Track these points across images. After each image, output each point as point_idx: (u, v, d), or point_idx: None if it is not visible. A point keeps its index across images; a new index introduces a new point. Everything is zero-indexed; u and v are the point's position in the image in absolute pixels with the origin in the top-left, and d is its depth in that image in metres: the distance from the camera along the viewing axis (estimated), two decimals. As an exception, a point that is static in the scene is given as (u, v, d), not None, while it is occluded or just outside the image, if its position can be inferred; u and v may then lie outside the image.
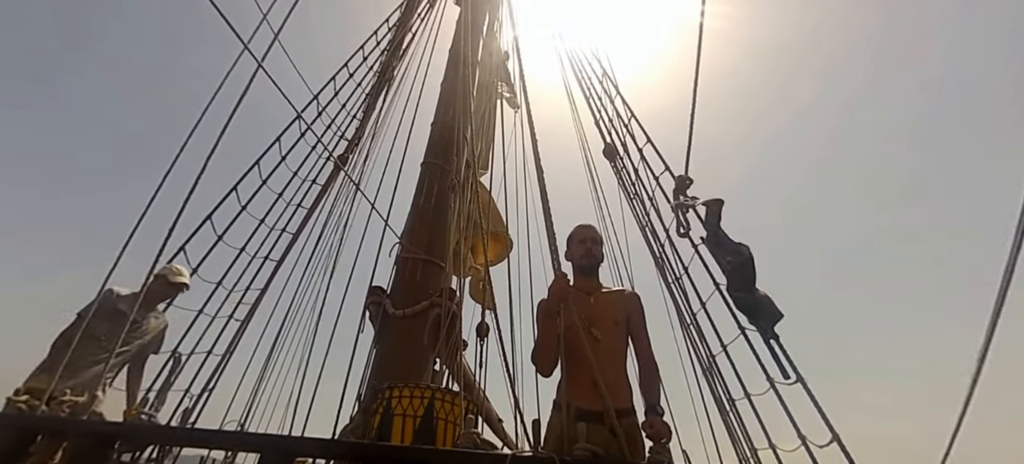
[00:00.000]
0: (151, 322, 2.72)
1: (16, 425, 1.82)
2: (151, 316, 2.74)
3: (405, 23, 5.39)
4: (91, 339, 2.40)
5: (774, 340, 1.87)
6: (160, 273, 2.73)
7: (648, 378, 2.03)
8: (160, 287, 2.78)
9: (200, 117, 2.55)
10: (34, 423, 1.85)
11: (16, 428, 1.79)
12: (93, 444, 1.81)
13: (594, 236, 2.37)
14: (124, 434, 1.85)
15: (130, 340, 2.53)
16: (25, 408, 1.94)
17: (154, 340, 2.72)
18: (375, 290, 3.33)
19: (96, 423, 1.90)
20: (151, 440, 2.01)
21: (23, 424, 1.83)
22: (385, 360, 3.02)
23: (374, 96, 4.98)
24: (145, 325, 2.65)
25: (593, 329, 2.03)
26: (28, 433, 1.77)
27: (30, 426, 1.82)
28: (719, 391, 2.22)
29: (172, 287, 2.82)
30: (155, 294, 2.78)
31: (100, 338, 2.44)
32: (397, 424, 2.10)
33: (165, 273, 2.77)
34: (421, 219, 3.76)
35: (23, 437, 1.75)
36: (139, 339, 2.61)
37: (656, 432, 1.76)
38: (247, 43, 2.48)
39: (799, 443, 1.63)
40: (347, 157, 4.55)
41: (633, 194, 3.21)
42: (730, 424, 2.16)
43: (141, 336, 2.63)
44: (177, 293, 2.89)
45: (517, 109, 5.12)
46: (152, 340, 2.70)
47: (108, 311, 2.49)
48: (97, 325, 2.42)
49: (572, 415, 1.82)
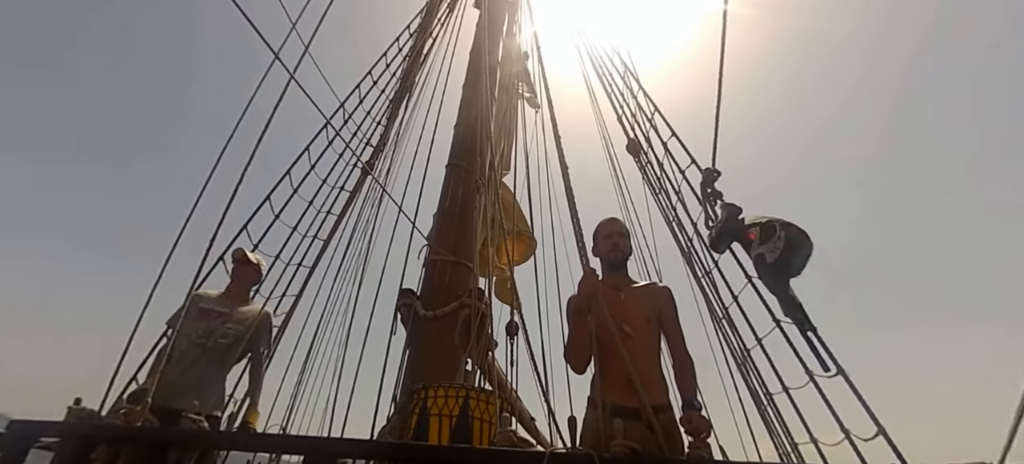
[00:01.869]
0: (242, 312, 2.73)
1: (77, 433, 1.89)
2: (241, 307, 2.76)
3: (426, 29, 5.46)
4: (191, 341, 2.52)
5: (812, 332, 1.84)
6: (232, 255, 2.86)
7: (683, 373, 2.01)
8: (241, 273, 2.86)
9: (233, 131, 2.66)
10: (93, 432, 1.92)
11: (77, 437, 1.87)
12: (148, 450, 1.90)
13: (621, 230, 2.35)
14: (176, 440, 1.93)
15: (227, 333, 2.59)
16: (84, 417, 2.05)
17: (257, 331, 2.70)
18: (405, 292, 3.40)
19: (149, 429, 1.97)
20: (202, 445, 2.09)
21: (83, 433, 1.90)
22: (418, 361, 3.08)
23: (397, 102, 5.07)
24: (236, 315, 2.68)
25: (624, 325, 2.02)
26: (88, 441, 1.85)
27: (90, 434, 1.89)
28: (755, 385, 2.18)
29: (240, 265, 2.87)
30: (237, 282, 2.85)
31: (194, 337, 2.54)
32: (434, 424, 2.14)
33: (232, 253, 2.88)
34: (447, 221, 3.81)
35: (84, 445, 1.84)
36: (234, 329, 2.63)
37: (695, 427, 1.74)
38: (277, 53, 2.55)
39: (842, 437, 1.60)
40: (373, 163, 4.65)
41: (659, 188, 3.18)
42: (768, 418, 2.12)
43: (237, 324, 2.65)
44: (250, 272, 2.92)
45: (538, 108, 5.13)
46: (254, 331, 2.68)
47: (196, 313, 2.60)
48: (190, 327, 2.55)
49: (608, 412, 1.83)
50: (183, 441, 1.95)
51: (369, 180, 4.43)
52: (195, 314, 2.61)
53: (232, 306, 2.74)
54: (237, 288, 2.86)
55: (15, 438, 1.75)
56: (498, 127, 4.55)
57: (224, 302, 2.74)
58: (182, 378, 2.42)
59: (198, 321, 2.59)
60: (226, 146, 2.61)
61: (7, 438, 1.75)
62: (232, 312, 2.70)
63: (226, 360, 2.61)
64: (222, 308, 2.69)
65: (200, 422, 1.93)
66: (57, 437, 1.87)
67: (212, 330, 2.59)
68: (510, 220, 4.04)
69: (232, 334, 2.62)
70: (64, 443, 1.86)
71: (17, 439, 1.75)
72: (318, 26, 2.80)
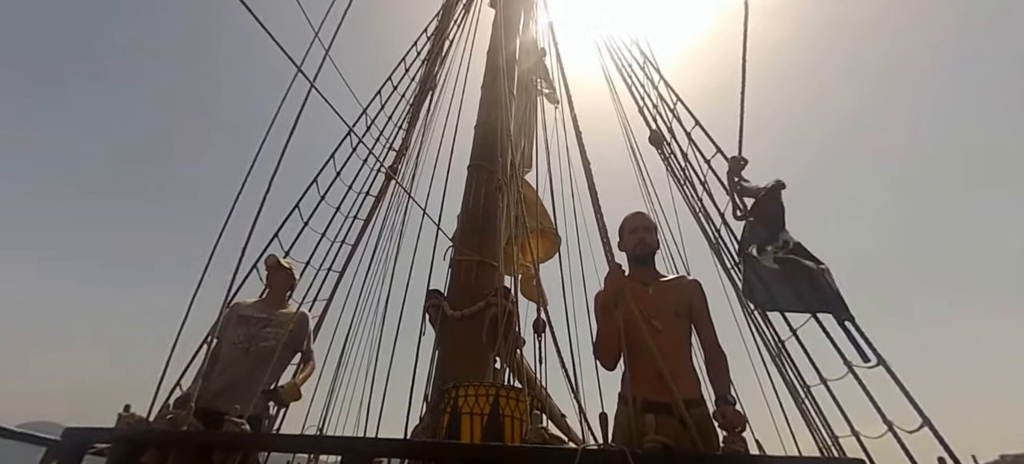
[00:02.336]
0: (280, 315, 2.83)
1: (127, 438, 1.98)
2: (278, 311, 2.86)
3: (443, 31, 5.50)
4: (233, 347, 2.64)
5: (850, 322, 1.78)
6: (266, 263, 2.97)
7: (716, 367, 1.98)
8: (275, 279, 2.96)
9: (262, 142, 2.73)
10: (141, 436, 2.00)
11: (127, 441, 1.95)
12: (194, 453, 1.98)
13: (647, 224, 2.32)
14: (220, 442, 2.00)
15: (267, 336, 2.70)
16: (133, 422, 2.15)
17: (294, 330, 2.79)
18: (433, 293, 3.44)
19: (195, 433, 2.05)
20: (245, 447, 2.17)
21: (132, 437, 1.98)
22: (447, 360, 3.12)
23: (417, 105, 5.13)
24: (275, 319, 2.79)
25: (653, 320, 2.01)
26: (137, 445, 1.93)
27: (139, 439, 1.97)
28: (792, 377, 2.13)
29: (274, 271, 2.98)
30: (273, 287, 2.97)
31: (236, 342, 2.66)
32: (465, 422, 2.17)
33: (265, 260, 2.99)
34: (471, 221, 3.84)
35: (133, 449, 1.92)
36: (274, 332, 2.73)
37: (729, 421, 1.72)
38: (300, 65, 2.61)
39: (885, 429, 1.54)
40: (397, 167, 4.72)
41: (684, 179, 3.13)
42: (806, 411, 2.07)
43: (276, 327, 2.75)
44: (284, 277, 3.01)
45: (557, 104, 5.11)
46: (294, 332, 2.78)
47: (236, 320, 2.73)
48: (231, 334, 2.68)
49: (639, 407, 1.81)
50: (226, 443, 2.02)
51: (393, 184, 4.50)
52: (235, 321, 2.72)
53: (270, 311, 2.84)
54: (273, 293, 2.97)
55: (71, 445, 1.84)
56: (518, 125, 4.56)
57: (262, 308, 2.85)
58: (225, 382, 2.53)
59: (239, 327, 2.70)
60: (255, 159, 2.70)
61: (63, 445, 1.85)
62: (271, 317, 2.81)
63: (268, 364, 2.70)
64: (261, 314, 2.80)
65: (242, 425, 2.00)
66: (109, 442, 1.96)
67: (253, 335, 2.69)
68: (533, 218, 4.05)
69: (272, 338, 2.72)
70: (115, 448, 1.94)
71: (73, 446, 1.84)
72: (336, 33, 2.84)
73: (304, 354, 2.92)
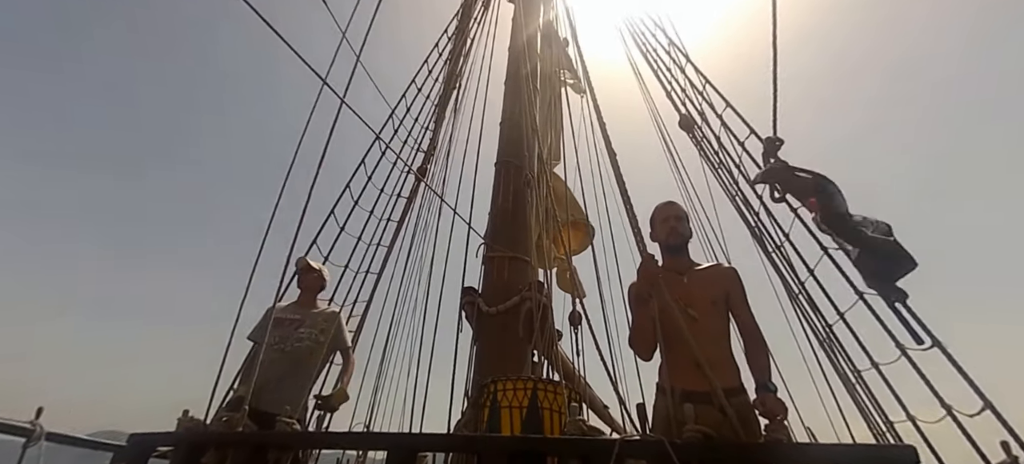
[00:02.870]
0: (312, 315, 2.96)
1: (188, 440, 2.06)
2: (311, 311, 2.99)
3: (463, 30, 5.53)
4: (270, 348, 2.75)
5: (901, 303, 1.70)
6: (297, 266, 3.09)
7: (755, 355, 1.93)
8: (306, 281, 3.09)
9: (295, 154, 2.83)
10: (202, 439, 2.09)
11: (187, 443, 2.05)
12: (250, 452, 2.10)
13: (677, 213, 2.28)
14: (274, 442, 2.11)
15: (301, 337, 2.83)
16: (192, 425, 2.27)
17: (327, 328, 2.91)
18: (468, 290, 3.50)
19: (251, 434, 2.15)
20: (298, 445, 2.28)
21: (192, 440, 2.06)
22: (485, 356, 3.17)
23: (443, 106, 5.19)
24: (310, 320, 2.92)
25: (689, 309, 1.97)
26: (197, 447, 2.03)
27: (198, 441, 2.05)
28: (841, 362, 2.05)
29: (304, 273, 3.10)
30: (304, 289, 3.09)
31: (273, 344, 2.79)
32: (505, 416, 2.21)
33: (296, 263, 3.10)
34: (501, 218, 3.87)
35: (194, 450, 2.02)
36: (307, 333, 2.86)
37: (770, 410, 1.68)
38: (325, 79, 2.67)
39: (943, 413, 1.47)
40: (425, 168, 4.81)
41: (718, 163, 3.05)
42: (858, 397, 1.99)
43: (309, 327, 2.88)
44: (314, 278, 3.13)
45: (583, 93, 5.05)
46: (324, 327, 2.90)
47: (273, 322, 2.81)
48: (270, 336, 2.75)
49: (677, 397, 1.79)
50: (280, 443, 2.13)
51: (423, 184, 4.58)
52: (272, 324, 2.84)
53: (303, 312, 2.97)
54: (305, 295, 3.09)
55: (137, 449, 1.96)
56: (543, 119, 4.54)
57: (295, 309, 2.98)
58: (269, 383, 2.65)
59: (275, 329, 2.82)
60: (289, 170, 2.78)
61: (129, 451, 1.97)
62: (304, 318, 2.93)
63: (306, 363, 2.81)
64: (293, 315, 2.92)
65: (293, 424, 2.10)
66: (171, 446, 2.08)
67: (287, 336, 2.82)
68: (564, 210, 4.04)
69: (306, 338, 2.84)
70: (177, 450, 2.04)
71: (138, 450, 1.96)
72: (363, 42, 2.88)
73: (343, 352, 3.04)
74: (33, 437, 1.64)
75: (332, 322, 2.99)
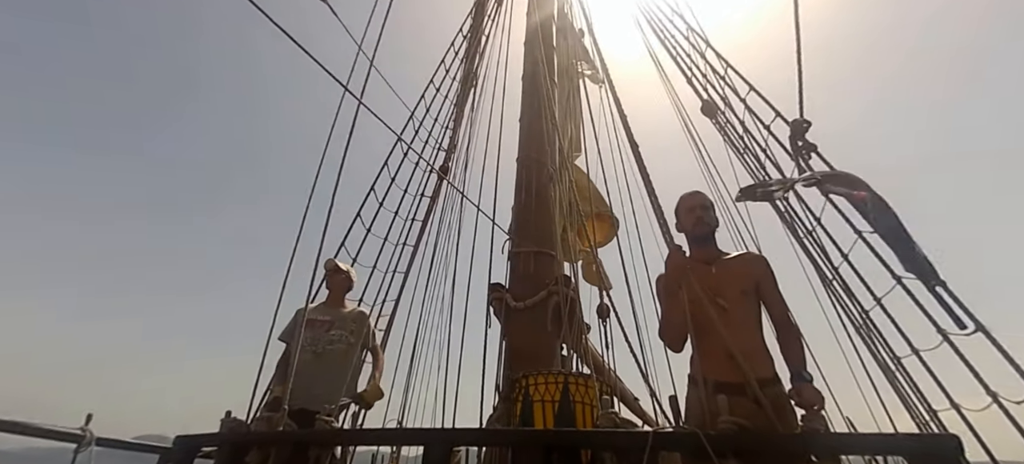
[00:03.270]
0: (341, 315, 3.07)
1: (231, 441, 2.16)
2: (341, 312, 3.09)
3: (478, 26, 5.53)
4: (303, 350, 2.83)
5: (941, 286, 1.65)
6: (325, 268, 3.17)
7: (788, 344, 1.90)
8: (334, 282, 3.19)
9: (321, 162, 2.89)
10: (245, 439, 2.18)
11: (230, 444, 2.14)
12: (292, 450, 2.18)
13: (703, 202, 2.25)
14: (314, 439, 2.18)
15: (331, 339, 2.94)
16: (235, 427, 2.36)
17: (356, 328, 3.01)
18: (495, 286, 3.54)
19: (291, 433, 2.23)
20: (337, 442, 2.36)
21: (235, 440, 2.16)
22: (514, 351, 3.21)
23: (461, 104, 5.22)
24: (340, 320, 3.03)
25: (719, 299, 1.96)
26: (240, 447, 2.12)
27: (241, 441, 2.14)
28: (879, 350, 2.00)
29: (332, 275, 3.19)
30: (333, 290, 3.19)
31: (306, 345, 2.88)
32: (537, 410, 2.24)
33: (324, 265, 3.19)
34: (525, 213, 3.88)
35: (237, 450, 2.12)
36: (337, 334, 2.97)
37: (806, 399, 1.66)
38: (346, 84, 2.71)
39: (989, 401, 1.43)
40: (447, 167, 4.86)
41: (743, 148, 2.99)
42: (898, 385, 1.94)
43: (339, 329, 2.98)
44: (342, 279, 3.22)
45: (601, 84, 5.01)
46: (353, 328, 3.00)
47: (306, 324, 2.93)
48: (302, 336, 2.85)
49: (710, 388, 1.79)
50: (321, 440, 2.20)
51: (446, 183, 4.63)
52: (307, 324, 2.94)
53: (333, 313, 3.06)
54: (334, 296, 3.19)
55: (182, 450, 2.06)
56: (563, 112, 4.52)
57: (325, 311, 3.07)
58: (304, 383, 2.75)
59: (306, 331, 2.92)
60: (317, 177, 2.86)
61: (175, 452, 2.07)
62: (334, 319, 3.02)
63: (341, 363, 2.90)
64: (323, 317, 3.02)
65: (332, 422, 2.18)
66: (215, 446, 2.17)
67: (317, 337, 2.91)
68: (587, 202, 4.02)
69: (338, 339, 2.94)
70: (221, 450, 2.15)
71: (184, 451, 2.06)
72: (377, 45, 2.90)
73: (372, 350, 3.12)
74: (83, 442, 1.73)
75: (362, 322, 3.08)
